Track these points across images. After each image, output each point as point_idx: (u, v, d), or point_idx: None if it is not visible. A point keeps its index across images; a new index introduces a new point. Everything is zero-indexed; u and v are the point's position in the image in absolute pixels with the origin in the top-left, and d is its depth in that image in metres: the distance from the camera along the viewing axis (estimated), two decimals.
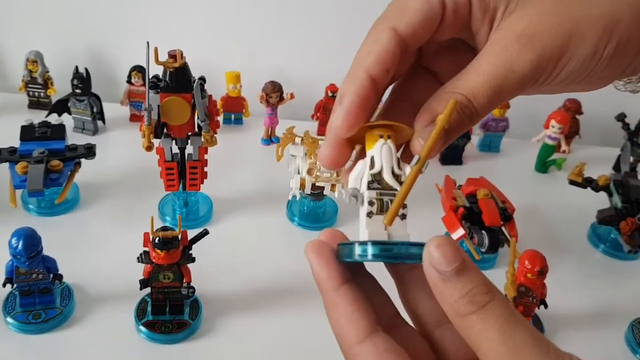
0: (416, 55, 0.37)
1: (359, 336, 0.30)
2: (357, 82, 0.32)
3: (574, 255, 0.91)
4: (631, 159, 1.11)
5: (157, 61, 0.72)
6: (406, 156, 0.34)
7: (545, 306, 0.72)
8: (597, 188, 0.93)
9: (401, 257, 0.30)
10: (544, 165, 1.10)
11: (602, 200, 0.93)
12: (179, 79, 0.75)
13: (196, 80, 0.73)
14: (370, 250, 0.30)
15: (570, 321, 0.78)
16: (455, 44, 0.36)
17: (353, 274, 0.32)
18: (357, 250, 0.30)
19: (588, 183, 0.93)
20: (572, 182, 0.94)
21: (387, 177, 0.33)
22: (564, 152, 1.15)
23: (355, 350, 0.30)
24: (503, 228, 0.82)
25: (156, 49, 0.72)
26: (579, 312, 0.80)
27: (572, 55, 0.32)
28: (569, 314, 0.79)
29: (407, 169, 0.33)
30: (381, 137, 0.33)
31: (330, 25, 1.17)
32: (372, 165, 0.33)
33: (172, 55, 0.74)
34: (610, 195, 0.92)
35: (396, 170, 0.33)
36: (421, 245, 0.29)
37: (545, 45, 0.31)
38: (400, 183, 0.33)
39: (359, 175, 0.34)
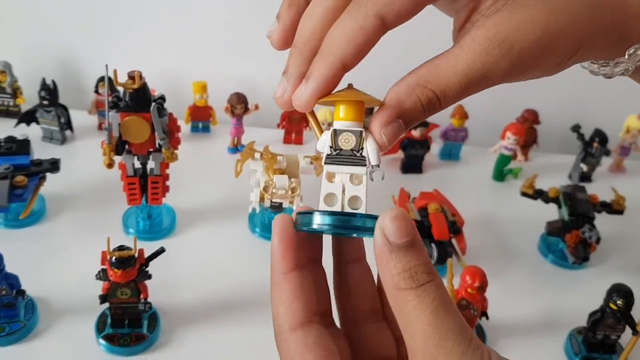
0: None
1: (292, 324, 0.31)
2: (330, 71, 0.31)
3: (524, 265, 0.95)
4: (585, 167, 1.16)
5: (116, 83, 0.75)
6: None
7: (487, 317, 0.76)
8: (547, 200, 0.97)
9: (358, 228, 0.30)
10: (500, 174, 1.14)
11: (555, 211, 0.97)
12: (138, 99, 0.77)
13: (153, 104, 0.75)
14: (328, 220, 0.30)
15: (514, 330, 0.81)
16: None
17: (309, 261, 0.33)
18: (317, 219, 0.31)
19: (539, 195, 0.97)
20: (523, 194, 0.98)
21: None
22: (520, 161, 1.19)
23: (285, 336, 0.31)
24: (453, 240, 0.86)
25: (115, 71, 0.74)
26: (524, 321, 0.84)
27: (540, 67, 0.32)
28: (514, 323, 0.83)
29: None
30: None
31: None
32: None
33: (131, 77, 0.76)
34: (559, 207, 0.96)
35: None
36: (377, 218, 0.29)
37: (522, 57, 0.31)
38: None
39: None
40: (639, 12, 0.33)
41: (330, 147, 0.33)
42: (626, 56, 0.34)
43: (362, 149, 0.32)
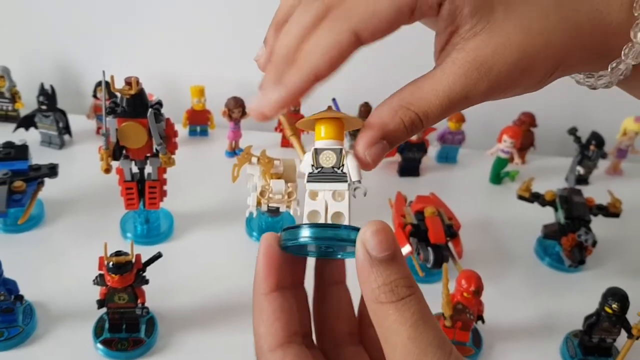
0: None
1: (272, 345, 0.32)
2: (302, 81, 0.32)
3: (521, 268, 0.95)
4: (582, 170, 1.16)
5: (113, 88, 0.75)
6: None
7: (483, 321, 0.77)
8: (543, 203, 0.97)
9: (343, 240, 0.31)
10: (497, 177, 1.15)
11: (552, 214, 0.97)
12: (135, 104, 0.77)
13: (150, 110, 0.76)
14: (312, 232, 0.31)
15: (510, 333, 0.82)
16: None
17: (291, 283, 0.33)
18: (302, 232, 0.31)
19: (535, 198, 0.98)
20: (520, 197, 0.98)
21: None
22: (517, 164, 1.20)
23: (266, 356, 0.32)
24: (449, 244, 0.86)
25: (112, 77, 0.75)
26: (520, 325, 0.84)
27: (520, 85, 0.34)
28: (510, 326, 0.83)
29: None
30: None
31: None
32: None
33: (128, 83, 0.77)
34: (556, 210, 0.96)
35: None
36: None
37: (500, 79, 0.33)
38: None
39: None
40: (618, 30, 0.34)
41: (312, 165, 0.34)
42: (609, 69, 0.35)
43: (343, 165, 0.33)
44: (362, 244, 0.29)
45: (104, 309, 0.73)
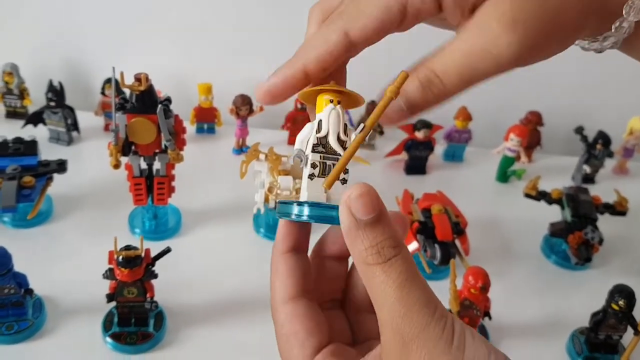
0: None
1: (284, 297, 0.35)
2: (290, 71, 0.34)
3: (527, 265, 0.95)
4: (588, 169, 1.16)
5: (123, 85, 0.76)
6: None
7: (489, 318, 0.77)
8: (550, 201, 0.97)
9: (334, 220, 0.31)
10: (504, 175, 1.15)
11: (558, 212, 0.98)
12: (144, 101, 0.78)
13: (159, 106, 0.76)
14: (305, 210, 0.32)
15: (517, 330, 0.82)
16: None
17: (304, 248, 0.37)
18: (295, 209, 0.33)
19: (542, 196, 0.98)
20: (527, 195, 0.98)
21: (332, 142, 0.34)
22: (523, 163, 1.20)
23: (278, 308, 0.35)
24: (456, 241, 0.86)
25: (122, 74, 0.75)
26: (526, 321, 0.84)
27: (551, 44, 0.32)
28: (516, 323, 0.83)
29: (353, 136, 0.34)
30: (331, 101, 0.34)
31: (300, 37, 1.21)
32: (319, 129, 0.34)
33: (138, 79, 0.77)
34: (562, 208, 0.97)
35: (342, 136, 0.34)
36: None
37: (527, 31, 0.31)
38: (345, 149, 0.34)
39: (305, 137, 0.35)
40: None
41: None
42: (612, 29, 0.34)
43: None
44: (347, 208, 0.30)
45: (113, 303, 0.73)
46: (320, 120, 0.34)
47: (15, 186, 0.83)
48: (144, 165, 0.85)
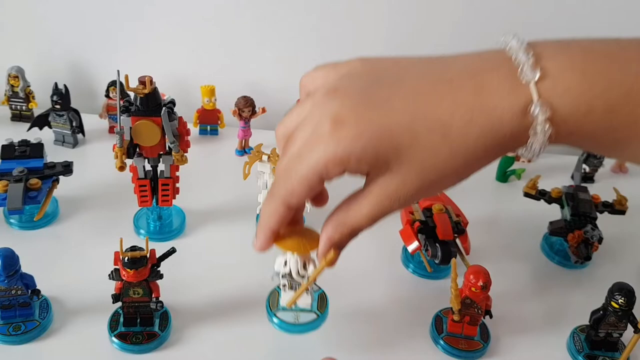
0: None
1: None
2: (265, 235, 0.48)
3: (527, 264, 0.96)
4: (588, 168, 1.17)
5: (127, 88, 0.77)
6: None
7: (490, 316, 0.78)
8: (550, 200, 0.98)
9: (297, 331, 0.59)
10: (504, 175, 1.16)
11: (558, 211, 0.98)
12: (149, 103, 0.79)
13: (163, 108, 0.78)
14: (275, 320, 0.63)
15: (517, 328, 0.83)
16: None
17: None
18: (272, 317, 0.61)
19: (542, 195, 0.99)
20: (526, 195, 0.99)
21: (295, 276, 0.59)
22: (523, 162, 1.20)
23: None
24: (457, 240, 0.87)
25: (126, 77, 0.76)
26: (527, 319, 0.85)
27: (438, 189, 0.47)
28: (517, 321, 0.84)
29: (310, 268, 0.57)
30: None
31: (302, 39, 1.22)
32: (285, 264, 0.58)
33: (142, 82, 0.79)
34: (562, 207, 0.97)
35: (301, 272, 0.58)
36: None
37: (408, 199, 0.44)
38: (302, 277, 0.58)
39: (280, 263, 0.59)
40: (512, 137, 0.42)
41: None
42: (524, 150, 0.42)
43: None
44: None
45: (119, 304, 0.75)
46: (286, 260, 0.59)
47: (21, 188, 0.84)
48: (148, 167, 0.86)
